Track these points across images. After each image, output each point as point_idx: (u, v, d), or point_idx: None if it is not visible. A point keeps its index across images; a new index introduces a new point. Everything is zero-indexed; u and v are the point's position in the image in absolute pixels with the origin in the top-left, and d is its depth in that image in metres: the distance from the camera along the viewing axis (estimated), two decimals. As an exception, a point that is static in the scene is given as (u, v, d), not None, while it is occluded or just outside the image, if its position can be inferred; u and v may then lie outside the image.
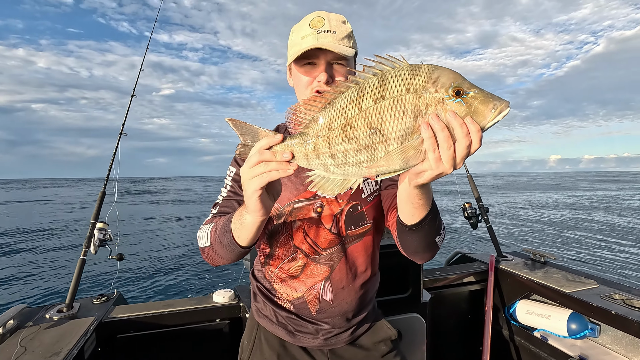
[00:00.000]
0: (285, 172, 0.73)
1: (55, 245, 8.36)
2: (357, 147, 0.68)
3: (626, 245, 10.26)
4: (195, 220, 11.46)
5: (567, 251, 9.38)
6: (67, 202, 24.13)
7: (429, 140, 0.62)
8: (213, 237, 0.98)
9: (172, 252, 7.68)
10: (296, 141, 0.74)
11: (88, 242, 1.87)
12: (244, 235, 0.89)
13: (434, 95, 0.63)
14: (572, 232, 11.75)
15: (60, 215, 14.78)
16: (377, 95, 0.65)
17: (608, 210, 18.00)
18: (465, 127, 0.62)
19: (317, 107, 0.72)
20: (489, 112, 0.62)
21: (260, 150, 0.74)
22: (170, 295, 5.54)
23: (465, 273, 2.34)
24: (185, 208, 15.58)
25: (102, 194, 2.06)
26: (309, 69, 1.06)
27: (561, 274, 2.16)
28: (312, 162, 0.74)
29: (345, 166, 0.71)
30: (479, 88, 0.63)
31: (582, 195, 27.20)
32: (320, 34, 1.02)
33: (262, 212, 0.81)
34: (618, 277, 7.42)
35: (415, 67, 0.65)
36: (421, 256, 0.98)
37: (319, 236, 1.09)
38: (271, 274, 1.15)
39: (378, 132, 0.65)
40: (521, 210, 14.96)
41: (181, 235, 9.24)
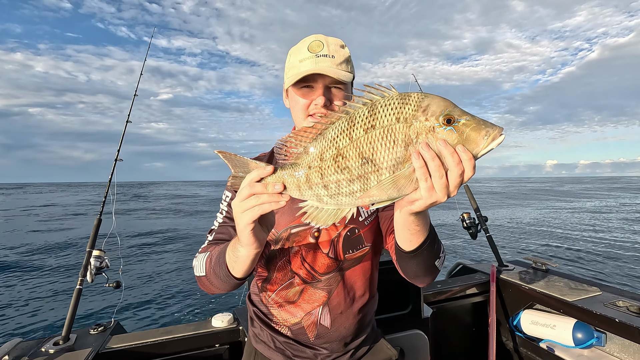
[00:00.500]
0: (277, 204, 0.72)
1: (52, 268, 8.23)
2: (349, 177, 0.67)
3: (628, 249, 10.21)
4: (193, 239, 11.36)
5: (567, 257, 9.32)
6: (60, 212, 23.72)
7: (420, 170, 0.62)
8: (208, 267, 0.97)
9: (170, 275, 7.59)
10: (288, 172, 0.73)
11: (84, 271, 1.85)
12: (239, 267, 0.88)
13: (424, 124, 0.63)
14: (571, 238, 11.70)
15: (55, 229, 14.57)
16: (368, 125, 0.65)
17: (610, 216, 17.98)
18: (457, 155, 0.61)
19: (307, 138, 0.72)
20: (481, 139, 0.61)
21: (251, 183, 0.73)
22: (169, 320, 5.44)
23: (467, 285, 2.31)
24: (182, 222, 15.45)
25: (97, 221, 2.05)
26: (306, 92, 1.06)
27: (563, 281, 2.15)
28: (304, 193, 0.73)
29: (339, 196, 0.70)
30: (470, 115, 0.63)
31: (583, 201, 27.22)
32: (319, 57, 1.03)
33: (256, 245, 0.80)
34: (620, 277, 7.35)
35: (404, 96, 0.65)
36: (421, 280, 0.97)
37: (316, 261, 1.08)
38: (268, 299, 1.14)
39: (370, 162, 0.65)
40: (520, 218, 14.92)
41: (178, 256, 9.16)
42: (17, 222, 16.32)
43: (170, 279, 7.39)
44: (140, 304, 6.04)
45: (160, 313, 5.73)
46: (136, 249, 9.81)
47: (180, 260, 8.73)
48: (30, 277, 7.54)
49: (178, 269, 8.01)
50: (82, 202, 34.85)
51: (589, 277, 6.99)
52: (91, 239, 1.98)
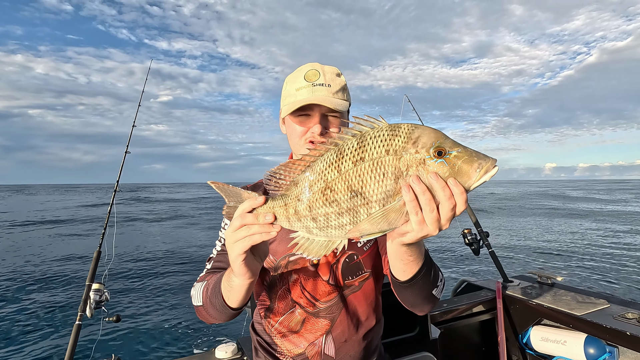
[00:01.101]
0: (268, 234, 0.72)
1: (49, 296, 8.05)
2: (338, 211, 0.66)
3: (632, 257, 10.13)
4: (195, 263, 11.22)
5: (573, 268, 9.22)
6: (59, 219, 23.14)
7: (411, 203, 0.60)
8: (205, 297, 0.97)
9: (171, 303, 7.44)
10: (278, 203, 0.73)
11: (84, 306, 1.82)
12: (234, 297, 0.88)
13: (414, 156, 0.61)
14: (575, 248, 11.62)
15: (52, 245, 14.25)
16: (357, 158, 0.64)
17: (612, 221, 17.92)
18: (448, 189, 0.59)
19: (296, 170, 0.71)
20: (473, 172, 0.60)
21: (242, 214, 0.74)
22: (172, 349, 5.29)
23: (473, 303, 2.28)
24: (184, 239, 15.25)
25: (97, 253, 2.03)
26: (303, 120, 1.07)
27: (570, 295, 2.12)
28: (294, 225, 0.72)
29: (328, 229, 0.69)
30: (462, 147, 0.61)
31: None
32: (315, 87, 1.04)
33: (249, 275, 0.80)
34: (628, 286, 7.25)
35: (394, 127, 0.64)
36: (419, 309, 0.96)
37: (316, 288, 1.07)
38: (271, 328, 1.12)
39: (359, 195, 0.64)
40: (522, 229, 14.85)
41: (180, 283, 9.02)
42: (16, 238, 15.97)
43: (172, 307, 7.25)
44: (142, 336, 5.88)
45: (162, 345, 5.57)
46: (136, 277, 9.65)
47: (183, 287, 8.59)
48: (27, 310, 7.38)
49: (180, 296, 7.88)
50: (84, 203, 34.07)
51: (595, 289, 6.88)
52: (90, 272, 1.96)
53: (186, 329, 6.12)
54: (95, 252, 2.05)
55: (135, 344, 5.63)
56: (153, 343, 5.67)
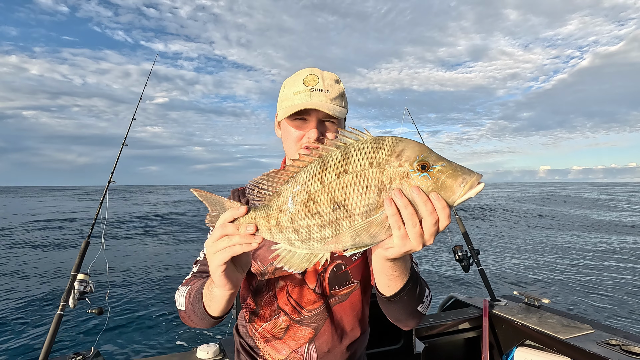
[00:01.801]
0: (249, 246, 0.70)
1: (31, 290, 7.93)
2: (321, 223, 0.65)
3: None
4: (182, 260, 11.10)
5: (561, 291, 9.25)
6: (48, 220, 22.68)
7: (393, 217, 0.59)
8: (187, 302, 0.96)
9: (156, 300, 7.36)
10: (260, 213, 0.71)
11: (67, 296, 1.79)
12: (214, 307, 0.87)
13: (398, 170, 0.60)
14: (561, 268, 11.68)
15: (39, 247, 14.03)
16: (340, 169, 0.63)
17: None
18: (430, 203, 0.58)
19: (279, 181, 0.70)
20: (457, 186, 0.58)
21: (223, 224, 0.72)
22: (153, 345, 5.22)
23: (459, 320, 2.27)
24: (173, 241, 15.08)
25: (85, 243, 2.01)
26: (300, 124, 1.06)
27: (556, 318, 2.12)
28: (275, 237, 0.71)
29: (310, 241, 0.67)
30: (447, 161, 0.61)
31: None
32: (314, 92, 1.03)
33: (229, 286, 0.78)
34: (613, 309, 7.28)
35: (379, 140, 0.63)
36: (404, 324, 0.95)
37: (302, 296, 1.06)
38: (255, 332, 1.11)
39: (342, 208, 0.63)
40: (512, 246, 14.90)
41: (166, 281, 8.92)
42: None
43: (157, 302, 7.17)
44: (123, 331, 5.80)
45: (143, 341, 5.50)
46: (124, 270, 9.54)
47: (168, 283, 8.50)
48: (6, 299, 7.25)
49: (165, 292, 7.79)
50: (75, 206, 33.11)
51: (581, 313, 6.89)
52: (77, 262, 1.93)
53: (169, 326, 6.05)
54: (83, 242, 2.03)
55: (116, 338, 5.55)
56: (135, 338, 5.59)
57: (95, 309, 1.88)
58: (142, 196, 57.65)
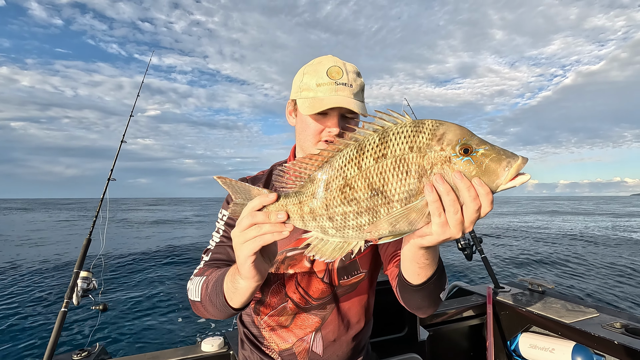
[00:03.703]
0: (280, 234, 0.67)
1: (35, 288, 7.98)
2: (357, 210, 0.62)
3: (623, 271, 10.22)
4: (185, 255, 11.12)
5: (564, 276, 9.28)
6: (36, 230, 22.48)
7: (434, 204, 0.57)
8: (204, 293, 0.93)
9: (159, 295, 7.40)
10: (291, 200, 0.68)
11: (70, 293, 1.79)
12: (237, 299, 0.84)
13: (439, 154, 0.58)
14: (566, 256, 11.70)
15: (40, 244, 14.01)
16: (379, 154, 0.60)
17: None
18: (473, 189, 0.56)
19: (313, 166, 0.67)
20: (502, 170, 0.55)
21: (252, 212, 0.69)
22: (158, 342, 5.25)
23: (464, 307, 2.27)
24: (175, 238, 15.09)
25: (87, 241, 2.01)
26: (320, 118, 1.02)
27: (560, 303, 2.12)
28: (308, 224, 0.68)
29: (345, 229, 0.64)
30: (490, 144, 0.58)
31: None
32: (338, 86, 0.99)
33: (257, 278, 0.76)
34: (616, 296, 7.30)
35: (418, 123, 0.60)
36: (424, 311, 0.93)
37: (311, 285, 1.06)
38: (260, 321, 1.11)
39: (380, 194, 0.60)
40: (514, 235, 14.92)
41: (169, 275, 8.96)
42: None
43: (160, 298, 7.21)
44: (128, 326, 5.84)
45: (148, 335, 5.54)
46: (125, 268, 9.58)
47: (172, 278, 8.54)
48: (11, 298, 7.30)
49: (169, 287, 7.83)
50: (66, 221, 31.67)
51: (585, 297, 6.92)
52: (79, 259, 1.93)
53: (174, 320, 6.09)
54: (85, 240, 2.02)
55: (121, 334, 5.59)
56: (139, 333, 5.63)
57: (99, 305, 1.88)
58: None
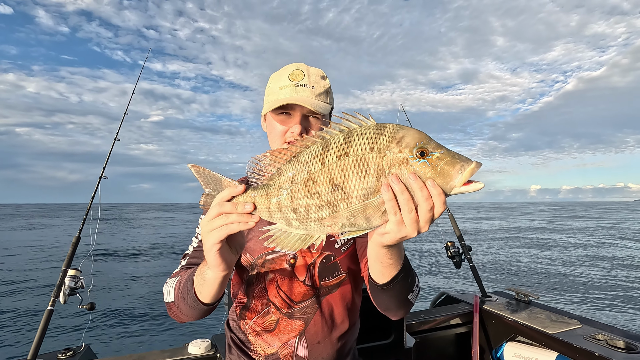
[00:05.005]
0: (246, 224, 0.70)
1: (21, 286, 7.84)
2: (319, 203, 0.66)
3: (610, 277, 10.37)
4: (173, 257, 11.03)
5: (550, 288, 9.39)
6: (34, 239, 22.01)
7: (390, 202, 0.60)
8: (177, 292, 0.95)
9: (147, 296, 7.33)
10: (259, 192, 0.71)
11: (57, 291, 1.78)
12: (206, 291, 0.86)
13: (397, 155, 0.61)
14: (555, 267, 11.84)
15: (30, 244, 13.77)
16: (341, 152, 0.64)
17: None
18: (426, 190, 0.59)
19: (282, 160, 0.71)
20: (455, 173, 0.59)
21: (221, 202, 0.72)
22: (145, 344, 5.20)
23: (450, 315, 2.30)
24: (165, 239, 14.93)
25: (76, 239, 2.00)
26: (284, 119, 1.07)
27: (545, 314, 2.15)
28: (274, 216, 0.71)
29: (308, 222, 0.68)
30: (446, 149, 0.62)
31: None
32: (299, 87, 1.04)
33: (223, 267, 0.78)
34: (600, 309, 7.41)
35: (380, 127, 0.64)
36: (394, 313, 0.95)
37: (292, 289, 1.07)
38: (246, 326, 1.12)
39: (340, 189, 0.64)
40: (503, 244, 15.06)
41: (158, 278, 8.88)
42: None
43: (149, 299, 7.14)
44: (115, 326, 5.77)
45: (135, 336, 5.48)
46: (114, 269, 9.47)
47: (161, 281, 8.48)
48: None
49: (158, 290, 7.77)
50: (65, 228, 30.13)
51: (570, 308, 7.00)
52: (68, 257, 1.92)
53: (161, 323, 6.03)
54: (74, 238, 2.01)
55: (107, 334, 5.53)
56: (126, 333, 5.58)
57: (86, 305, 1.87)
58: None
